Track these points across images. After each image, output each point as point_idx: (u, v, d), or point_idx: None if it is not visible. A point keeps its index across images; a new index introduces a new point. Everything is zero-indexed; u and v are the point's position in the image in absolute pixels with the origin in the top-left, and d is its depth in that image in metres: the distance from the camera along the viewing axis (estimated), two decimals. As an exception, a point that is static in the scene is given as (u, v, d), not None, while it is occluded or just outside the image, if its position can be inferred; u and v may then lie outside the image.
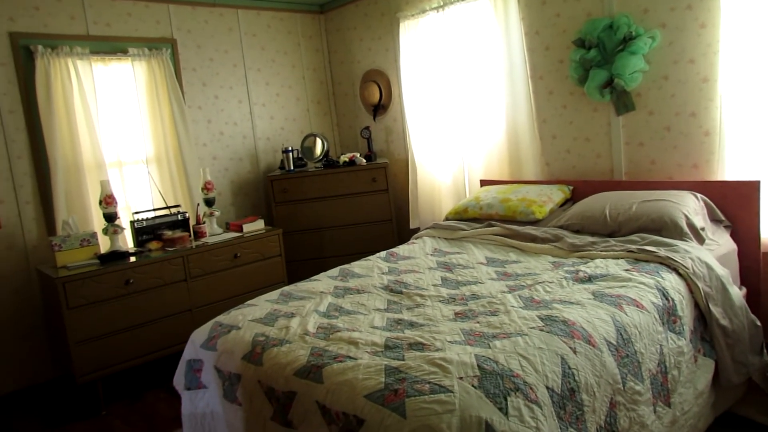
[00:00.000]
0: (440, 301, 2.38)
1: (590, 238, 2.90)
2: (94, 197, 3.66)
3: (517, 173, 3.95)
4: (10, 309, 3.54)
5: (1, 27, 3.46)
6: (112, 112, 3.91)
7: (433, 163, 4.40)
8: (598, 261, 2.62)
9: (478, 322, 2.06)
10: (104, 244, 3.62)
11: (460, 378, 1.61)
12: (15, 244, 3.55)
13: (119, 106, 3.94)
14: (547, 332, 1.87)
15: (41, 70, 3.53)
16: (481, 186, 4.09)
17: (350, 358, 1.86)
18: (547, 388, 1.65)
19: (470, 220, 3.61)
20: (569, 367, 1.74)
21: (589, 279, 2.41)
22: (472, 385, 1.57)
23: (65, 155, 3.63)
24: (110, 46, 3.88)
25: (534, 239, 3.08)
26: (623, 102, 3.31)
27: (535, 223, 3.32)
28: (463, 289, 2.50)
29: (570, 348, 1.80)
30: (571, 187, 3.56)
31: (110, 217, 3.50)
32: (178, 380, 2.52)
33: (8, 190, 3.52)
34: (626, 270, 2.44)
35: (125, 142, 3.97)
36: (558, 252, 2.88)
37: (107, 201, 3.46)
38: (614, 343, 1.92)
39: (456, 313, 2.19)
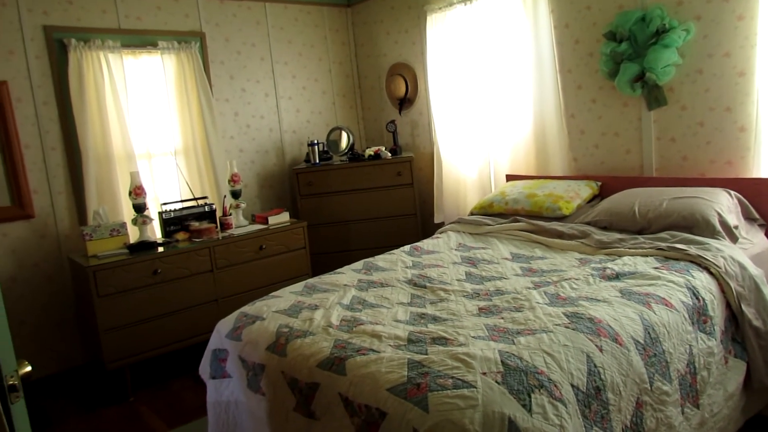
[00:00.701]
0: (464, 296, 2.37)
1: (618, 235, 2.85)
2: (124, 188, 3.73)
3: (544, 168, 3.91)
4: (44, 296, 3.63)
5: (35, 21, 3.54)
6: (142, 105, 3.97)
7: (458, 157, 4.38)
8: (626, 258, 2.57)
9: (502, 318, 2.04)
10: (133, 234, 3.69)
11: (484, 373, 1.60)
12: (48, 233, 3.65)
13: (149, 99, 4.00)
14: (573, 329, 1.84)
15: (74, 62, 3.61)
16: (507, 181, 4.05)
17: (373, 351, 1.87)
18: (572, 385, 1.62)
19: (495, 215, 3.58)
20: (595, 366, 1.71)
21: (617, 276, 2.37)
22: (496, 381, 1.56)
23: (96, 146, 3.70)
24: (140, 40, 3.94)
25: (560, 235, 3.04)
26: (655, 96, 3.23)
27: (561, 219, 3.28)
28: (488, 285, 2.49)
29: (596, 346, 1.77)
30: (599, 183, 3.50)
31: (139, 208, 3.57)
32: (204, 369, 2.56)
33: (42, 181, 3.61)
34: (655, 268, 2.39)
35: (154, 134, 4.03)
36: (585, 249, 2.84)
37: (136, 192, 3.52)
38: (642, 342, 1.88)
39: (480, 309, 2.18)
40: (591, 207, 3.31)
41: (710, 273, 2.34)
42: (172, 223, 3.77)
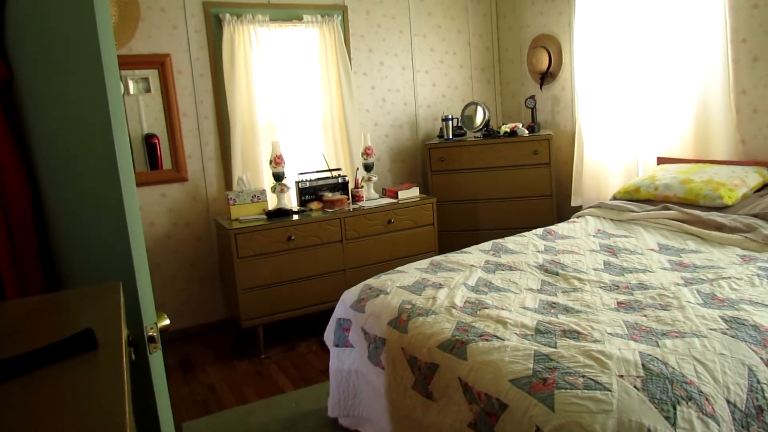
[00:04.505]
0: (601, 287, 2.18)
1: (795, 233, 2.45)
2: (266, 157, 3.93)
3: (704, 151, 3.46)
4: (193, 253, 3.98)
5: (196, -3, 3.80)
6: (285, 77, 4.13)
7: (602, 136, 4.03)
8: (804, 260, 2.20)
9: (645, 316, 1.84)
10: (272, 201, 3.89)
11: (621, 376, 1.44)
12: (199, 196, 3.97)
13: (292, 71, 4.15)
14: (732, 336, 1.60)
15: (227, 36, 3.83)
16: (658, 164, 3.66)
17: (497, 338, 1.78)
18: (728, 402, 1.41)
19: (642, 201, 3.25)
20: (758, 381, 1.47)
21: (791, 280, 2.03)
22: (635, 386, 1.40)
23: (243, 116, 3.93)
24: (287, 14, 4.08)
25: (720, 227, 2.68)
26: None
27: (722, 209, 2.89)
28: (629, 277, 2.26)
29: (761, 359, 1.53)
30: (774, 171, 3.03)
31: (278, 177, 3.74)
32: (328, 336, 2.64)
33: (195, 147, 3.92)
34: (844, 274, 2.02)
35: (295, 105, 4.18)
36: (750, 244, 2.48)
37: (276, 161, 3.70)
38: (821, 360, 1.59)
39: (619, 303, 1.98)
40: (759, 197, 2.88)
41: None
42: (308, 192, 3.91)
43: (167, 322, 1.38)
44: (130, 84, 3.75)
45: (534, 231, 3.08)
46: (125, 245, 1.22)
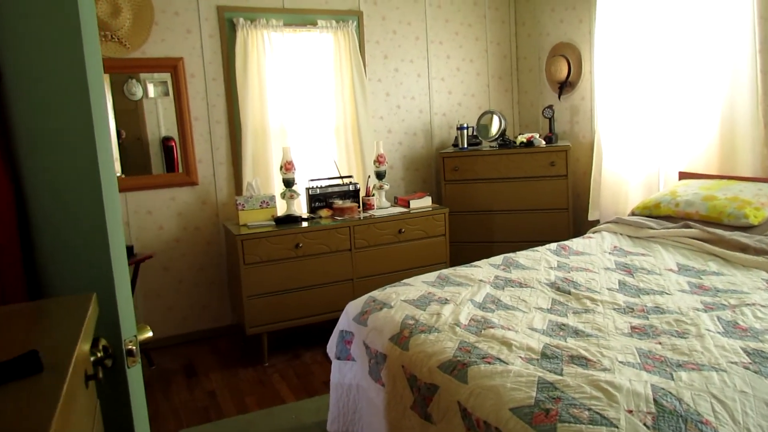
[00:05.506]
0: (615, 309, 2.07)
1: (825, 256, 2.31)
2: (276, 162, 3.88)
3: (730, 167, 3.32)
4: (202, 258, 3.94)
5: (211, 1, 3.77)
6: (298, 82, 4.08)
7: (622, 148, 3.90)
8: (834, 287, 2.06)
9: (659, 343, 1.72)
10: (281, 207, 3.84)
11: (630, 411, 1.34)
12: (209, 200, 3.93)
13: (304, 77, 4.10)
14: (755, 372, 1.49)
15: (241, 41, 3.80)
16: (680, 179, 3.52)
17: (500, 361, 1.68)
18: (747, 444, 1.30)
19: (662, 217, 3.13)
20: (781, 422, 1.36)
21: (821, 309, 1.90)
22: (644, 424, 1.30)
23: (255, 121, 3.88)
24: (302, 19, 4.04)
25: (744, 249, 2.55)
26: None
27: (747, 229, 2.75)
28: (645, 299, 2.15)
29: (785, 397, 1.41)
30: (803, 190, 2.89)
31: (288, 183, 3.69)
32: (331, 348, 2.57)
33: (206, 151, 3.89)
34: None
35: (308, 111, 4.13)
36: (776, 268, 2.34)
37: (287, 167, 3.64)
38: None
39: (632, 327, 1.87)
40: (789, 218, 2.74)
41: None
42: (317, 199, 3.85)
43: (150, 334, 1.32)
44: (150, 87, 3.74)
45: (547, 246, 2.97)
46: (105, 255, 1.17)
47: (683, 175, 3.52)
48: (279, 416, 2.90)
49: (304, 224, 3.61)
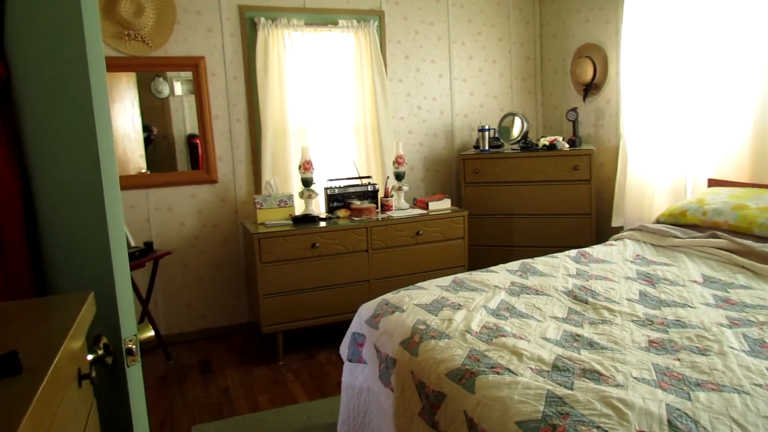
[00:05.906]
0: (633, 321, 2.00)
1: None
2: (295, 161, 3.88)
3: (761, 174, 3.20)
4: (220, 255, 3.96)
5: (232, 0, 3.78)
6: (319, 82, 4.07)
7: (649, 153, 3.79)
8: None
9: (678, 359, 1.65)
10: (299, 207, 3.83)
11: None
12: (228, 198, 3.95)
13: (325, 76, 4.08)
14: (779, 394, 1.41)
15: (262, 40, 3.80)
16: (709, 186, 3.41)
17: (509, 371, 1.63)
18: (767, 470, 1.23)
19: (688, 226, 3.02)
20: (805, 448, 1.28)
21: None
22: (656, 445, 1.24)
23: (275, 120, 3.89)
24: (323, 18, 4.02)
25: (774, 261, 2.44)
26: None
27: (777, 240, 2.64)
28: (666, 311, 2.07)
29: (810, 421, 1.33)
30: (839, 200, 2.76)
31: (307, 182, 3.68)
32: (343, 349, 2.55)
33: (227, 149, 3.90)
34: None
35: (327, 110, 4.12)
36: (807, 282, 2.24)
37: (305, 166, 3.63)
38: None
39: (651, 341, 1.80)
40: (822, 229, 2.62)
41: None
42: (336, 199, 3.83)
43: (151, 333, 1.31)
44: (176, 85, 3.78)
45: (567, 252, 2.90)
46: (105, 254, 1.16)
47: (712, 183, 3.41)
48: (291, 416, 2.90)
49: (322, 224, 3.60)
